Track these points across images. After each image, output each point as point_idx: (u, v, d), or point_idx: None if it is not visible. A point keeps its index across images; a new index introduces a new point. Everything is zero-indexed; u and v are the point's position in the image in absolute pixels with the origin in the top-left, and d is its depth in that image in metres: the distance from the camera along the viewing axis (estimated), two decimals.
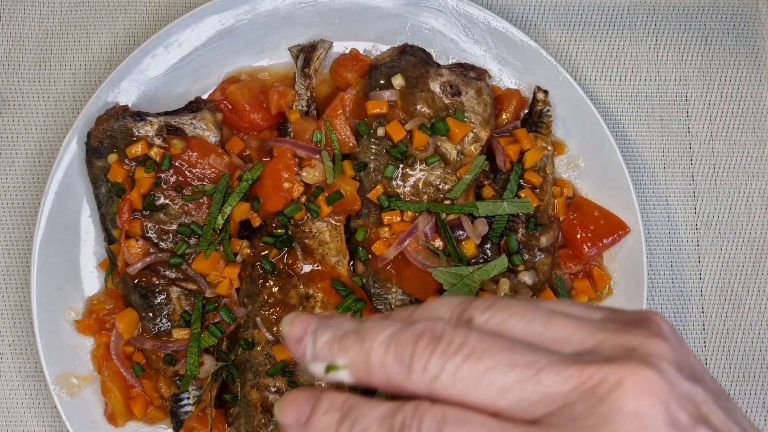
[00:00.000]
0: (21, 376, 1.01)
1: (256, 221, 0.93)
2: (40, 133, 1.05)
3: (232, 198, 0.91)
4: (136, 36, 1.06)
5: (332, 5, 0.99)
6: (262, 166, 0.93)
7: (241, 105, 0.97)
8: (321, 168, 0.93)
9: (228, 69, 0.99)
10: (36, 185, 1.03)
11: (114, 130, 0.93)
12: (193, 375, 0.90)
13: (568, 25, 1.08)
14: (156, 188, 0.91)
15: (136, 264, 0.90)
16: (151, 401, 0.93)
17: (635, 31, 1.08)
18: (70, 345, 0.94)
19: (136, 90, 0.97)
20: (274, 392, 0.89)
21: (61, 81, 1.05)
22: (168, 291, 0.92)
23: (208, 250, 0.91)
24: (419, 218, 0.91)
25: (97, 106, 0.96)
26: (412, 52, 0.96)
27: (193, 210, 0.92)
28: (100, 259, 0.97)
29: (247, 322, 0.93)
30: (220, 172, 0.92)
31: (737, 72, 1.07)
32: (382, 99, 0.93)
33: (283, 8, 0.99)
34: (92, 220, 0.96)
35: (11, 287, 1.02)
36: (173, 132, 0.93)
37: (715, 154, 1.06)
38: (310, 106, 0.98)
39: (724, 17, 1.08)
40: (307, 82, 0.97)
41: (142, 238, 0.91)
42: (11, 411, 1.00)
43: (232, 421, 0.92)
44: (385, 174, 0.93)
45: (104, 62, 1.06)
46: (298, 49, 0.99)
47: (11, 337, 1.01)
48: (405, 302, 0.92)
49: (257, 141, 0.98)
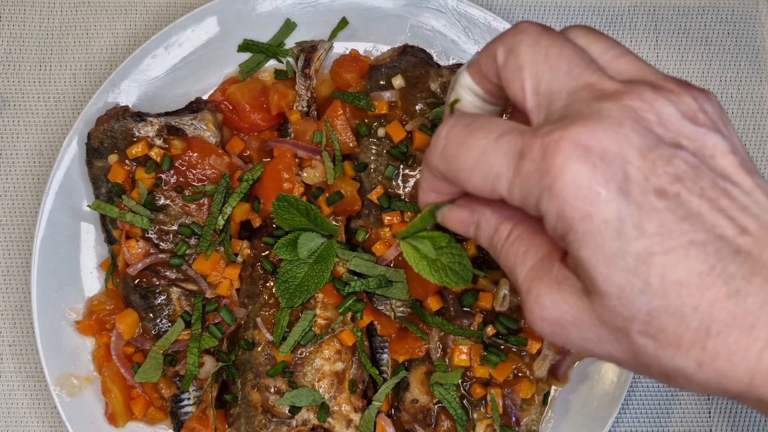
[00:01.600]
0: (21, 376, 1.01)
1: (256, 222, 0.94)
2: (40, 134, 1.05)
3: (232, 198, 0.91)
4: (136, 36, 1.06)
5: (332, 6, 0.99)
6: (262, 166, 0.93)
7: (242, 106, 0.97)
8: (321, 168, 0.93)
9: (228, 69, 0.99)
10: (36, 185, 1.03)
11: (114, 131, 0.93)
12: (193, 375, 0.90)
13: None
14: (156, 189, 0.91)
15: (137, 264, 0.90)
16: (151, 402, 0.93)
17: (635, 31, 1.08)
18: (70, 345, 0.94)
19: (137, 90, 0.97)
20: (274, 393, 0.89)
21: (62, 81, 1.05)
22: (168, 291, 0.92)
23: (209, 250, 0.91)
24: None
25: (98, 107, 0.96)
26: (412, 52, 0.96)
27: (193, 210, 0.92)
28: (101, 260, 0.97)
29: (247, 323, 0.93)
30: (220, 172, 0.92)
31: (737, 72, 1.08)
32: (383, 99, 0.93)
33: (283, 8, 0.99)
34: (92, 220, 0.96)
35: (11, 287, 1.02)
36: (174, 132, 0.93)
37: None
38: (310, 107, 0.98)
39: (724, 17, 1.08)
40: (307, 83, 0.97)
41: (142, 238, 0.91)
42: (11, 411, 1.00)
43: (232, 422, 0.92)
44: (385, 174, 0.93)
45: (104, 63, 1.06)
46: (298, 50, 0.99)
47: (11, 337, 1.01)
48: (406, 303, 0.92)
49: (258, 141, 0.98)
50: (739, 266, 0.49)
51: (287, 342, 0.89)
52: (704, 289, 0.49)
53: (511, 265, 0.59)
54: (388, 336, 0.92)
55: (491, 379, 0.89)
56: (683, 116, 0.52)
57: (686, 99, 0.53)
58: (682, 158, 0.50)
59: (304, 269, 0.89)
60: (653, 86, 0.53)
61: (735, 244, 0.49)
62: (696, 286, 0.48)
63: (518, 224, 0.59)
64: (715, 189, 0.50)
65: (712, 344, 0.49)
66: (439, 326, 0.89)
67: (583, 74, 0.53)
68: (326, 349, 0.90)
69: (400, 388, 0.92)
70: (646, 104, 0.51)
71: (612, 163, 0.49)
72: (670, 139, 0.51)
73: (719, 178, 0.51)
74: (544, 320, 0.55)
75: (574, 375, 0.95)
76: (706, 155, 0.51)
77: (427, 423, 0.90)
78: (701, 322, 0.49)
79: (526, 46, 0.56)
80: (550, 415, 0.95)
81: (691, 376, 0.50)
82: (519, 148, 0.52)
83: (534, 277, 0.56)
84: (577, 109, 0.52)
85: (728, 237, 0.49)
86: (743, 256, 0.49)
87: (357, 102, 0.94)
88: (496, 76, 0.59)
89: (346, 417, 0.90)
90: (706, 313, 0.48)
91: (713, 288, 0.49)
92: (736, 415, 1.01)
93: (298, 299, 0.88)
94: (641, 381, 1.01)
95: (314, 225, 0.88)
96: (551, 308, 0.54)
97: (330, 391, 0.90)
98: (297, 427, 0.89)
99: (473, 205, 0.61)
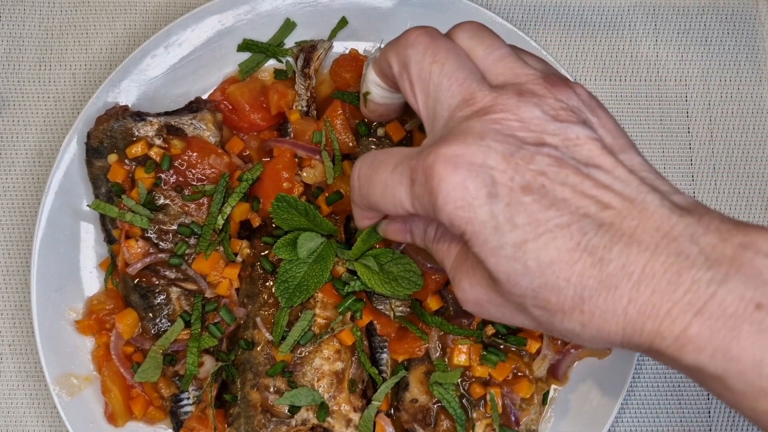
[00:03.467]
0: (21, 376, 1.01)
1: (256, 221, 0.94)
2: (40, 133, 1.05)
3: (232, 198, 0.91)
4: (136, 36, 1.06)
5: (332, 5, 0.99)
6: (262, 166, 0.93)
7: (241, 105, 0.97)
8: (321, 168, 0.93)
9: (228, 69, 0.99)
10: (36, 185, 1.04)
11: (114, 131, 0.93)
12: (192, 375, 0.90)
13: (568, 25, 1.08)
14: (156, 188, 0.91)
15: (136, 264, 0.90)
16: (151, 401, 0.93)
17: (635, 31, 1.08)
18: (70, 345, 0.94)
19: (136, 90, 0.97)
20: (273, 392, 0.89)
21: (61, 81, 1.05)
22: (168, 291, 0.92)
23: (208, 250, 0.91)
24: None
25: (97, 107, 0.96)
26: None
27: (193, 210, 0.92)
28: (100, 259, 0.97)
29: (246, 323, 0.93)
30: (220, 172, 0.92)
31: (737, 72, 1.07)
32: None
33: (283, 8, 0.99)
34: (92, 220, 0.96)
35: (11, 287, 1.02)
36: (173, 132, 0.93)
37: (715, 155, 1.06)
38: (310, 107, 0.98)
39: (724, 17, 1.08)
40: (307, 83, 0.97)
41: (142, 238, 0.91)
42: (11, 411, 1.00)
43: (232, 421, 0.92)
44: None
45: (104, 62, 1.06)
46: (298, 50, 0.99)
47: (11, 337, 1.01)
48: (405, 303, 0.92)
49: (257, 141, 0.98)
50: (601, 237, 0.56)
51: (287, 342, 0.89)
52: (573, 263, 0.57)
53: (440, 259, 0.71)
54: (388, 336, 0.92)
55: (490, 379, 0.89)
56: (545, 115, 0.60)
57: (548, 100, 0.60)
58: (545, 153, 0.58)
59: (304, 269, 0.89)
60: (519, 92, 0.61)
61: (598, 218, 0.57)
62: (566, 262, 0.57)
63: (440, 225, 0.70)
64: (578, 174, 0.58)
65: (587, 307, 0.57)
66: (439, 326, 0.89)
67: (462, 88, 0.62)
68: (326, 348, 0.90)
69: (400, 387, 0.92)
70: (509, 113, 0.59)
71: (479, 173, 0.57)
72: (533, 139, 0.59)
73: (582, 164, 0.58)
74: (468, 301, 0.66)
75: (573, 375, 0.95)
76: (569, 146, 0.59)
77: (427, 422, 0.90)
78: (575, 290, 0.57)
79: (415, 63, 0.65)
80: (549, 415, 0.95)
81: (580, 335, 0.59)
82: (409, 175, 0.62)
83: (457, 267, 0.68)
84: (450, 129, 0.61)
85: (592, 214, 0.57)
86: (605, 227, 0.56)
87: (357, 102, 0.94)
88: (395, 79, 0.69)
89: (345, 416, 0.90)
90: (578, 282, 0.57)
91: (580, 261, 0.56)
92: (736, 415, 1.01)
93: (298, 299, 0.88)
94: (641, 381, 1.01)
95: (313, 225, 0.88)
96: (470, 291, 0.65)
97: (329, 391, 0.90)
98: (296, 427, 0.89)
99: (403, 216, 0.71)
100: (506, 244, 0.57)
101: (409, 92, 0.67)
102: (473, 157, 0.58)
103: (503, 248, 0.58)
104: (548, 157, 0.58)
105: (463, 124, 0.60)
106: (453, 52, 0.64)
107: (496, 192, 0.57)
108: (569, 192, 0.57)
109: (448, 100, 0.63)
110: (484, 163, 0.57)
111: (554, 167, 0.58)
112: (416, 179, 0.61)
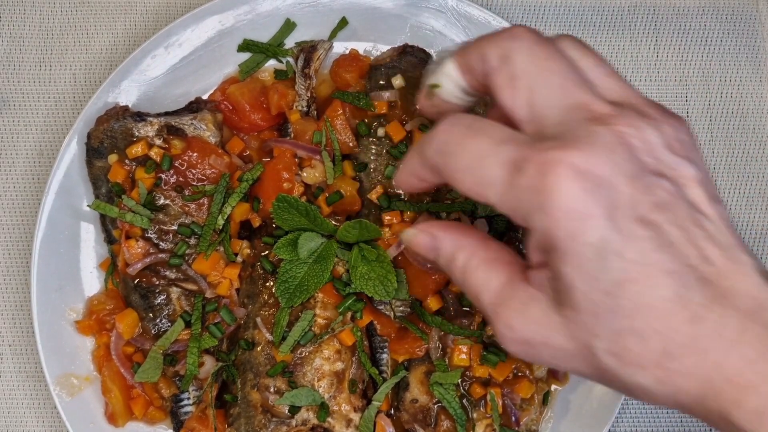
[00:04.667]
0: (21, 376, 1.01)
1: (256, 222, 0.94)
2: (40, 134, 1.05)
3: (232, 198, 0.91)
4: (136, 36, 1.06)
5: (332, 6, 0.99)
6: (262, 166, 0.93)
7: (242, 105, 0.97)
8: (321, 168, 0.93)
9: (228, 69, 0.99)
10: (36, 185, 1.04)
11: (114, 131, 0.93)
12: (193, 375, 0.90)
13: (568, 25, 1.08)
14: (156, 189, 0.91)
15: (136, 264, 0.90)
16: (151, 401, 0.93)
17: (635, 31, 1.08)
18: (70, 345, 0.94)
19: (137, 90, 0.97)
20: (274, 393, 0.89)
21: (62, 81, 1.06)
22: (168, 291, 0.92)
23: (209, 250, 0.91)
24: (420, 218, 0.91)
25: (98, 107, 0.96)
26: (412, 52, 0.96)
27: (193, 210, 0.92)
28: (100, 259, 0.97)
29: (247, 323, 0.93)
30: (220, 172, 0.92)
31: (737, 72, 1.08)
32: (382, 99, 0.94)
33: (283, 9, 0.99)
34: (92, 220, 0.96)
35: (11, 287, 1.02)
36: (173, 132, 0.93)
37: (715, 155, 1.06)
38: (310, 107, 0.98)
39: (724, 18, 1.08)
40: (307, 83, 0.98)
41: (142, 238, 0.91)
42: (11, 411, 1.00)
43: (232, 422, 0.92)
44: (385, 174, 0.93)
45: (104, 63, 1.06)
46: (298, 50, 0.99)
47: (11, 337, 1.01)
48: (405, 304, 0.92)
49: (257, 141, 0.98)
50: (702, 295, 0.52)
51: (287, 342, 0.89)
52: (668, 315, 0.52)
53: (474, 292, 0.63)
54: (388, 336, 0.92)
55: (491, 379, 0.89)
56: (663, 143, 0.55)
57: (666, 128, 0.56)
58: (663, 187, 0.54)
59: (304, 269, 0.89)
60: (638, 112, 0.56)
61: (700, 273, 0.53)
62: (661, 311, 0.52)
63: (475, 253, 0.63)
64: (689, 219, 0.54)
65: (671, 364, 0.53)
66: (439, 326, 0.89)
67: (575, 91, 0.56)
68: (326, 348, 0.90)
69: (400, 387, 0.92)
70: (634, 130, 0.54)
71: (603, 188, 0.52)
72: (653, 168, 0.54)
73: (692, 208, 0.54)
74: (515, 341, 0.59)
75: (573, 375, 0.95)
76: (681, 184, 0.55)
77: (427, 423, 0.90)
78: (662, 344, 0.52)
79: (521, 56, 0.59)
80: (549, 415, 0.95)
81: (651, 392, 0.54)
82: (515, 160, 0.55)
83: (500, 303, 0.60)
84: (572, 130, 0.55)
85: (695, 266, 0.53)
86: (705, 284, 0.53)
87: (357, 102, 0.94)
88: (484, 76, 0.61)
89: (345, 417, 0.90)
90: (667, 336, 0.52)
91: (677, 314, 0.52)
92: None
93: (298, 299, 0.88)
94: None
95: (314, 225, 0.88)
96: (521, 330, 0.58)
97: (330, 391, 0.90)
98: (297, 427, 0.89)
99: (433, 230, 0.66)
100: (606, 276, 0.52)
101: (506, 87, 0.59)
102: (600, 170, 0.52)
103: (601, 279, 0.53)
104: (666, 191, 0.54)
105: (590, 127, 0.54)
106: (561, 53, 0.59)
107: (614, 216, 0.52)
108: (680, 237, 0.53)
109: (560, 100, 0.56)
110: (609, 181, 0.52)
111: (670, 204, 0.53)
112: (524, 169, 0.54)
